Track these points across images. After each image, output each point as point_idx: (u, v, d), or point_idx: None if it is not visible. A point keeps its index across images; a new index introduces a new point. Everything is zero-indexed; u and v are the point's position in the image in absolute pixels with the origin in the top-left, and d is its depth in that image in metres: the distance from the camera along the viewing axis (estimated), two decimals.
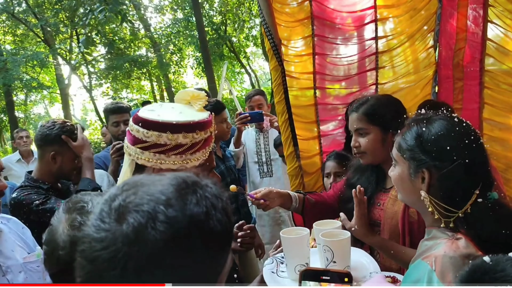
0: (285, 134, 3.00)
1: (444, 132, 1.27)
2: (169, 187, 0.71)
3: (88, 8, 8.88)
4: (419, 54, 3.21)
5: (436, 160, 1.27)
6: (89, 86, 17.34)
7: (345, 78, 3.32)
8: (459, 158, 1.24)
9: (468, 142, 1.25)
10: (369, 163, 2.04)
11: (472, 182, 1.24)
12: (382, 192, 2.04)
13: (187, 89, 1.56)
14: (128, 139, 1.45)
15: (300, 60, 3.13)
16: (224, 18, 17.00)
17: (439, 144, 1.27)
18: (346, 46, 3.26)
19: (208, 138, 1.48)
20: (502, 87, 2.96)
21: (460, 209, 1.24)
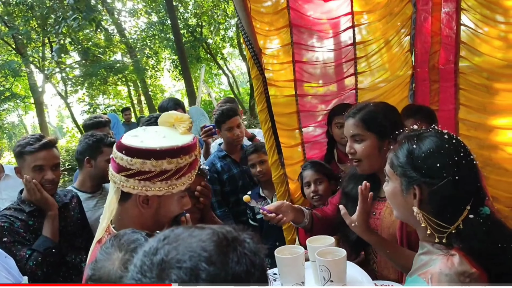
0: (269, 142, 3.02)
1: (433, 150, 1.31)
2: (210, 243, 0.71)
3: (61, 16, 8.72)
4: (396, 58, 3.28)
5: (426, 177, 1.30)
6: (65, 93, 17.04)
7: (323, 84, 3.38)
8: (448, 174, 1.27)
9: (458, 159, 1.28)
10: (365, 171, 2.03)
11: (463, 198, 1.28)
12: (377, 200, 2.04)
13: (171, 112, 1.56)
14: (112, 167, 1.45)
15: (281, 68, 3.16)
16: (199, 20, 16.94)
17: (429, 161, 1.30)
18: (324, 53, 3.30)
19: (194, 162, 1.48)
20: (476, 88, 3.05)
21: (452, 225, 1.28)
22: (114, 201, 1.44)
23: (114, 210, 1.45)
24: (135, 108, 19.51)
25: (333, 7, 3.16)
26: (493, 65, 3.02)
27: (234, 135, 3.48)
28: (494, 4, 2.90)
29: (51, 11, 9.81)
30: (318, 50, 3.27)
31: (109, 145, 2.91)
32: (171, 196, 1.45)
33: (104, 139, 2.93)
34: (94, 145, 2.89)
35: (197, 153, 1.50)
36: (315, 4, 3.13)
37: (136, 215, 1.45)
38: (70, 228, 2.53)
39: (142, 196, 1.41)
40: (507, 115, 3.01)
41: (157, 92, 20.96)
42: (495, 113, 3.03)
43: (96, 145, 2.89)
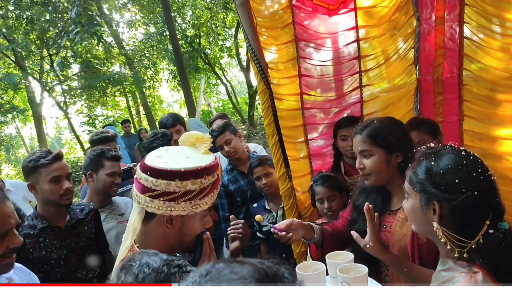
0: (276, 155, 3.05)
1: (452, 166, 1.35)
2: (252, 280, 0.72)
3: (61, 29, 8.76)
4: (400, 71, 3.32)
5: (446, 193, 1.34)
6: (63, 105, 17.06)
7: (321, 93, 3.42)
8: (467, 190, 1.30)
9: (476, 174, 1.32)
10: (374, 184, 2.09)
11: (482, 213, 1.31)
12: (388, 214, 2.09)
13: (191, 132, 1.60)
14: (136, 188, 1.47)
15: (286, 82, 3.20)
16: (197, 31, 17.03)
17: (448, 177, 1.34)
18: (330, 67, 3.35)
19: (216, 181, 1.52)
20: (480, 99, 3.10)
21: (472, 240, 1.30)
22: (138, 221, 1.46)
23: (138, 230, 1.47)
24: (134, 120, 19.53)
25: (337, 21, 3.20)
26: (495, 77, 3.07)
27: (225, 152, 3.55)
28: (494, 16, 2.96)
29: (51, 25, 9.86)
30: (323, 64, 3.31)
31: (110, 158, 2.97)
32: (194, 216, 1.48)
33: (106, 153, 2.97)
34: (95, 159, 2.95)
35: (219, 173, 1.53)
36: (320, 19, 3.17)
37: (160, 235, 1.47)
38: (83, 244, 2.55)
39: (167, 216, 1.44)
40: (510, 125, 3.05)
41: (155, 103, 21.01)
42: (499, 124, 3.07)
43: (97, 159, 2.94)
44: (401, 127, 2.12)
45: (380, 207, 2.10)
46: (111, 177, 2.96)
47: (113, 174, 2.97)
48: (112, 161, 2.98)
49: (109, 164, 2.96)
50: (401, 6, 3.09)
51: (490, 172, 1.36)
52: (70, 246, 2.47)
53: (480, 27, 3.01)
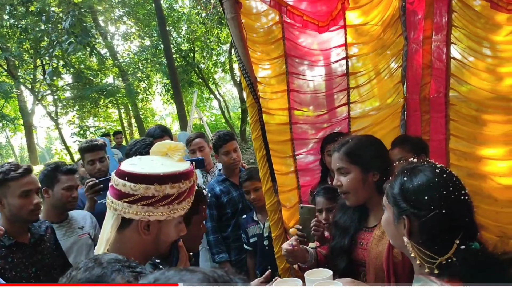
0: (263, 170, 3.04)
1: (423, 183, 1.37)
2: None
3: (55, 39, 8.77)
4: (388, 89, 3.36)
5: (415, 208, 1.36)
6: (55, 115, 16.99)
7: (314, 110, 3.45)
8: (435, 207, 1.32)
9: (446, 193, 1.33)
10: (353, 203, 2.08)
11: (451, 231, 1.31)
12: (365, 231, 2.09)
13: (163, 142, 1.60)
14: (112, 195, 1.46)
15: (275, 97, 3.22)
16: (192, 45, 17.13)
17: (418, 194, 1.36)
18: (318, 83, 3.38)
19: (192, 187, 1.53)
20: (466, 119, 3.13)
21: (441, 256, 1.31)
22: (113, 229, 1.45)
23: (111, 238, 1.46)
24: (125, 132, 19.46)
25: (327, 38, 3.25)
26: (481, 97, 3.11)
27: (231, 159, 3.57)
28: (481, 38, 3.02)
29: (45, 34, 9.87)
30: (311, 79, 3.34)
31: (66, 172, 2.88)
32: (170, 222, 1.48)
33: (60, 167, 2.89)
34: (49, 174, 2.86)
35: (195, 179, 1.54)
36: (309, 35, 3.21)
37: (136, 242, 1.46)
38: (48, 260, 2.50)
39: (144, 222, 1.43)
40: (496, 145, 3.09)
41: (148, 115, 20.97)
42: (485, 144, 3.11)
43: (52, 174, 2.85)
44: (378, 145, 2.12)
45: (357, 223, 2.11)
46: (68, 191, 2.86)
47: (70, 188, 2.87)
48: (67, 174, 2.88)
49: (64, 178, 2.86)
50: (390, 25, 3.14)
51: (464, 191, 1.36)
52: (37, 264, 2.41)
53: (467, 48, 3.07)
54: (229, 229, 3.59)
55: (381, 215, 2.00)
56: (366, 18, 3.17)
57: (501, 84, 3.10)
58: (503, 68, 3.07)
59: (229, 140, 3.55)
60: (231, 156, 3.55)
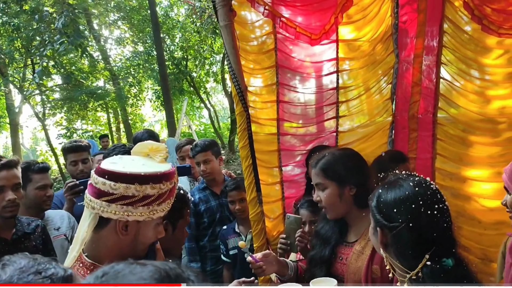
0: (248, 179, 3.02)
1: (396, 197, 1.39)
2: (151, 281, 0.68)
3: (47, 38, 8.70)
4: (377, 105, 3.38)
5: (386, 221, 1.38)
6: (42, 115, 16.79)
7: (303, 125, 3.45)
8: (403, 221, 1.33)
9: (415, 207, 1.34)
10: (333, 218, 2.08)
11: (421, 246, 1.32)
12: (345, 245, 2.07)
13: (145, 142, 1.58)
14: (91, 193, 1.43)
15: (264, 107, 3.21)
16: (185, 53, 17.14)
17: (389, 206, 1.39)
18: (308, 95, 3.38)
19: (172, 189, 1.50)
20: (452, 139, 3.15)
21: (412, 270, 1.32)
22: (90, 228, 1.41)
23: (87, 238, 1.42)
24: (113, 136, 19.29)
25: (319, 51, 3.26)
26: (469, 118, 3.14)
27: (200, 171, 3.52)
28: (471, 60, 3.05)
29: (37, 34, 9.79)
30: (301, 92, 3.34)
31: (38, 171, 2.77)
32: (149, 223, 1.45)
33: (32, 167, 2.78)
34: (22, 174, 2.64)
35: (175, 180, 1.51)
36: (301, 47, 3.22)
37: (113, 243, 1.42)
38: None
39: (122, 222, 1.40)
40: (481, 167, 3.11)
41: (137, 121, 20.84)
42: (470, 165, 3.13)
43: (23, 174, 2.66)
44: (354, 159, 2.11)
45: (338, 236, 2.10)
46: (41, 190, 2.75)
47: (44, 187, 2.76)
48: (40, 173, 2.77)
49: (37, 177, 2.76)
50: (382, 42, 3.17)
51: (439, 205, 1.35)
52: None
53: (457, 70, 3.11)
54: (205, 238, 3.53)
55: (361, 230, 2.03)
56: (359, 33, 3.20)
57: (489, 107, 3.14)
58: (492, 91, 3.11)
59: (198, 152, 3.48)
60: (200, 168, 3.50)
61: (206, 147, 3.52)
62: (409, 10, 3.09)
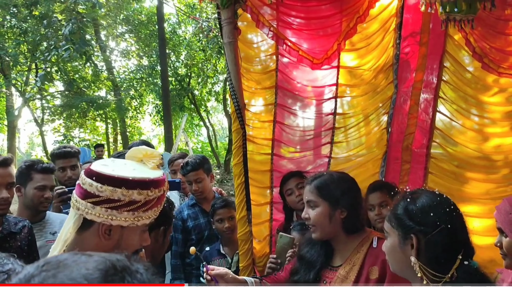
0: (239, 197, 2.99)
1: (428, 203, 1.45)
2: (95, 271, 0.65)
3: (53, 44, 8.77)
4: (372, 134, 3.39)
5: (422, 225, 1.42)
6: (41, 121, 16.78)
7: (300, 150, 3.44)
8: (441, 223, 1.39)
9: (449, 210, 1.42)
10: (319, 238, 2.06)
11: (455, 247, 1.39)
12: (329, 269, 2.06)
13: (140, 147, 1.56)
14: (77, 193, 1.41)
15: (261, 126, 3.21)
16: (189, 70, 17.27)
17: (423, 212, 1.43)
18: (305, 118, 3.39)
19: (161, 196, 1.48)
20: (445, 174, 3.15)
21: (446, 274, 1.37)
22: (73, 229, 1.38)
23: (70, 239, 1.39)
24: (110, 146, 19.26)
25: (319, 76, 3.28)
26: (465, 155, 3.15)
27: (192, 190, 3.46)
28: (470, 97, 3.07)
29: (43, 39, 9.86)
30: (300, 115, 3.35)
31: (41, 171, 2.71)
32: (134, 229, 1.42)
33: (35, 165, 2.72)
34: (24, 171, 2.70)
35: (165, 188, 1.49)
36: (302, 71, 3.24)
37: (95, 246, 1.39)
38: None
39: (105, 226, 1.37)
40: (473, 203, 3.09)
41: (134, 133, 20.83)
42: (462, 201, 3.09)
43: (26, 172, 2.69)
44: (350, 183, 2.11)
45: (323, 259, 2.08)
46: (40, 190, 2.68)
47: (43, 188, 2.69)
48: (42, 173, 2.71)
49: (38, 177, 2.69)
50: (383, 71, 3.20)
51: (460, 211, 1.46)
52: None
53: (456, 106, 3.12)
54: (192, 256, 3.45)
55: (346, 254, 2.03)
56: (361, 61, 3.22)
57: (486, 144, 3.15)
58: (490, 129, 3.14)
59: (190, 170, 3.40)
60: (191, 186, 3.44)
61: (198, 165, 3.43)
62: (411, 42, 3.12)
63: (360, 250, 2.02)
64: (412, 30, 3.11)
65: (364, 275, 1.94)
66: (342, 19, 3.00)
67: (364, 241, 2.04)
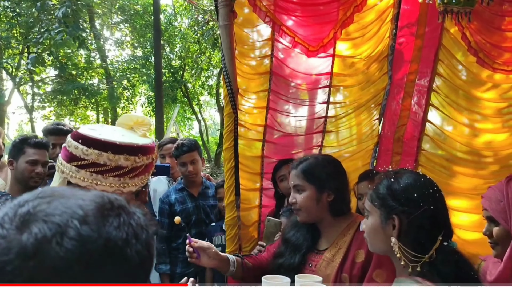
0: (228, 182, 2.96)
1: (411, 183, 1.42)
2: (91, 203, 0.63)
3: (45, 27, 8.63)
4: (364, 125, 3.38)
5: (405, 206, 1.40)
6: (31, 107, 16.61)
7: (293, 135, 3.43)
8: (425, 204, 1.38)
9: (432, 191, 1.41)
10: (304, 220, 2.06)
11: (436, 228, 1.38)
12: (315, 253, 2.05)
13: (131, 114, 1.54)
14: (63, 156, 1.37)
15: (253, 112, 3.19)
16: (183, 63, 17.19)
17: (407, 192, 1.41)
18: (298, 106, 3.37)
19: (149, 164, 1.44)
20: (435, 167, 3.15)
21: (425, 254, 1.36)
22: None
23: None
24: None
25: (314, 64, 3.26)
26: (455, 149, 3.15)
27: (186, 171, 3.43)
28: (464, 91, 3.07)
29: (36, 21, 9.72)
30: (292, 102, 3.33)
31: (34, 145, 2.69)
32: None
33: (28, 140, 2.70)
34: (17, 145, 2.69)
35: (154, 157, 1.46)
36: (297, 59, 3.22)
37: None
38: None
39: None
40: (461, 198, 3.09)
41: None
42: (451, 195, 3.10)
43: (19, 145, 2.68)
44: (335, 166, 2.11)
45: (309, 243, 2.07)
46: (31, 165, 2.64)
47: (34, 162, 2.66)
48: (35, 148, 2.68)
49: (31, 151, 2.67)
50: (377, 61, 3.18)
51: (442, 192, 1.45)
52: None
53: (448, 99, 3.12)
54: (179, 240, 3.44)
55: (332, 238, 2.02)
56: (356, 51, 3.21)
57: (477, 140, 3.16)
58: (481, 124, 3.13)
59: (186, 151, 3.39)
60: (186, 168, 3.42)
61: (193, 146, 3.46)
62: (406, 33, 3.11)
63: (346, 233, 2.01)
64: (408, 21, 3.10)
65: (350, 258, 1.94)
66: (339, 8, 2.98)
67: (351, 224, 2.04)
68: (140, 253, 0.64)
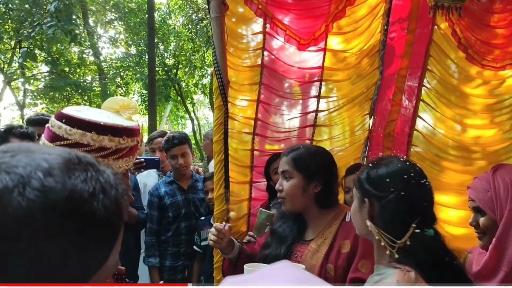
0: (218, 175, 2.95)
1: (387, 169, 1.45)
2: (58, 157, 0.62)
3: (37, 21, 8.56)
4: (355, 119, 3.38)
5: (376, 190, 1.42)
6: (23, 104, 16.47)
7: (286, 131, 3.42)
8: (396, 190, 1.39)
9: (407, 177, 1.41)
10: (289, 209, 2.07)
11: (409, 215, 1.37)
12: (301, 243, 2.06)
13: (116, 97, 1.54)
14: (46, 136, 1.36)
15: (244, 105, 3.18)
16: (176, 61, 17.14)
17: (381, 177, 1.44)
18: (289, 100, 3.37)
19: (134, 147, 1.44)
20: (425, 163, 3.15)
21: (399, 239, 1.36)
22: None
23: None
24: None
25: (305, 58, 3.26)
26: (445, 144, 3.16)
27: (176, 164, 3.45)
28: (453, 87, 3.09)
29: (28, 15, 9.63)
30: (283, 96, 3.33)
31: (17, 135, 2.63)
32: None
33: (14, 129, 2.65)
34: (2, 135, 2.62)
35: (139, 140, 1.45)
36: (289, 52, 3.22)
37: None
38: None
39: None
40: (449, 193, 3.10)
41: None
42: (439, 190, 3.10)
43: (4, 135, 2.61)
44: (326, 158, 2.12)
45: (296, 234, 2.08)
46: None
47: None
48: (20, 138, 2.63)
49: (16, 141, 2.58)
50: (368, 56, 3.19)
51: (426, 181, 1.44)
52: None
53: (437, 94, 3.13)
54: (168, 233, 3.44)
55: (319, 228, 2.04)
56: (347, 45, 3.21)
57: (465, 135, 3.17)
58: (469, 120, 3.15)
59: (177, 144, 3.41)
60: (177, 161, 3.44)
61: (184, 139, 3.49)
62: (398, 28, 3.12)
63: (332, 224, 2.02)
64: (399, 16, 3.11)
65: (336, 249, 1.95)
66: (331, 1, 2.98)
67: (337, 215, 2.05)
68: (108, 208, 0.62)
